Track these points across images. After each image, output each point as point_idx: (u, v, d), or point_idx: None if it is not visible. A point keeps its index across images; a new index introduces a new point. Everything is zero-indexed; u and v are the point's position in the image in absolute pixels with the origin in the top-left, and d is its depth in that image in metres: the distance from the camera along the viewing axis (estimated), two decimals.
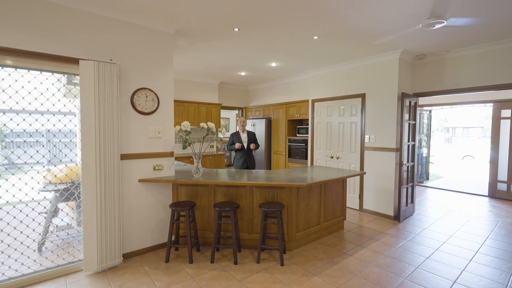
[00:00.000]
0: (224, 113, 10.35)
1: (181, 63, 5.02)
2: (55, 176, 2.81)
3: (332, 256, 3.03)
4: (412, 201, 4.52)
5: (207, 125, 3.15)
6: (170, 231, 2.87)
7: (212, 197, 3.22)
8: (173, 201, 3.26)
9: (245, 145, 4.70)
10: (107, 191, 2.68)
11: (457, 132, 23.55)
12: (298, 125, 6.39)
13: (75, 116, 2.69)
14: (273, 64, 5.06)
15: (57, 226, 3.22)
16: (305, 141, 5.83)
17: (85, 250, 2.62)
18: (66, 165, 2.79)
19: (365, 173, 3.60)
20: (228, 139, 4.96)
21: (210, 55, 4.47)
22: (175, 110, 5.91)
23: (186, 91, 6.39)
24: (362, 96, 4.64)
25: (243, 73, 5.87)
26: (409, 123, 4.32)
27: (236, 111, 9.03)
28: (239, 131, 4.77)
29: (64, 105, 2.64)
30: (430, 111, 7.50)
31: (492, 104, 5.87)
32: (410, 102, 4.30)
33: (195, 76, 6.23)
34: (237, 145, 4.56)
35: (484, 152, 15.52)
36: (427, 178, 7.60)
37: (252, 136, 4.77)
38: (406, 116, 4.16)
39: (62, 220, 3.09)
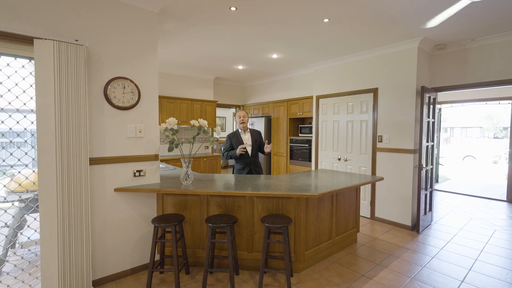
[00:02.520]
0: (221, 112, 9.83)
1: (171, 54, 4.48)
2: (4, 186, 2.27)
3: (348, 279, 2.53)
4: (430, 209, 4.04)
5: (198, 122, 2.62)
6: (152, 253, 2.34)
7: (205, 208, 2.69)
8: (158, 213, 2.73)
9: (250, 149, 3.48)
10: (71, 204, 2.14)
11: (455, 132, 23.29)
12: (301, 124, 5.89)
13: (32, 111, 2.16)
14: (274, 56, 4.55)
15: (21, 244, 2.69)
16: (309, 142, 5.33)
17: (43, 278, 2.08)
18: (19, 172, 2.25)
19: (382, 178, 3.11)
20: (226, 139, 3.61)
21: (203, 44, 3.95)
22: (166, 107, 5.37)
23: (179, 87, 5.85)
24: (374, 91, 4.14)
25: (240, 67, 5.35)
26: (428, 121, 3.83)
27: (233, 110, 8.52)
28: (239, 130, 3.54)
29: (17, 97, 2.10)
30: (440, 109, 7.05)
31: (510, 102, 5.42)
32: (429, 97, 3.81)
33: (188, 70, 5.69)
34: (239, 149, 3.30)
35: (486, 152, 15.18)
36: (437, 181, 7.15)
37: (257, 137, 3.56)
38: (425, 113, 3.67)
39: (14, 241, 2.53)
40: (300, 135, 5.71)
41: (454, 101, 6.85)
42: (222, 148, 3.61)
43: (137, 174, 2.58)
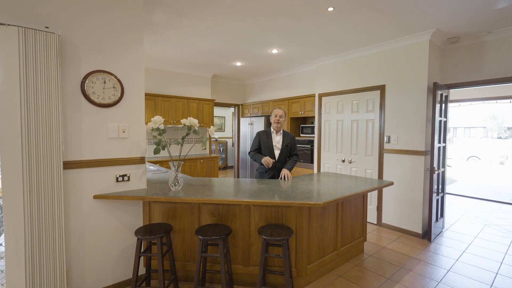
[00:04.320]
0: (220, 112, 9.56)
1: (164, 50, 4.22)
2: None
3: None
4: (442, 215, 3.76)
5: (188, 121, 2.35)
6: (135, 268, 2.07)
7: (196, 217, 2.43)
8: (145, 223, 2.47)
9: (277, 153, 3.06)
10: (42, 214, 1.88)
11: (458, 132, 22.97)
12: (302, 124, 5.61)
13: None
14: (274, 51, 4.28)
15: None
16: (311, 142, 5.05)
17: None
18: None
19: (392, 183, 2.83)
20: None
21: (198, 38, 3.68)
22: (161, 106, 5.11)
23: (174, 85, 5.59)
24: (381, 89, 3.86)
25: (238, 63, 5.08)
26: (440, 121, 3.55)
27: (233, 109, 8.26)
28: (271, 130, 3.12)
29: None
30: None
31: None
32: (441, 95, 3.53)
33: (184, 67, 5.43)
34: (266, 161, 2.90)
35: (490, 152, 14.84)
36: None
37: (289, 141, 3.10)
38: (437, 112, 3.39)
39: None
40: (301, 135, 5.44)
41: (463, 99, 6.57)
42: (251, 146, 3.19)
43: (120, 179, 2.32)
